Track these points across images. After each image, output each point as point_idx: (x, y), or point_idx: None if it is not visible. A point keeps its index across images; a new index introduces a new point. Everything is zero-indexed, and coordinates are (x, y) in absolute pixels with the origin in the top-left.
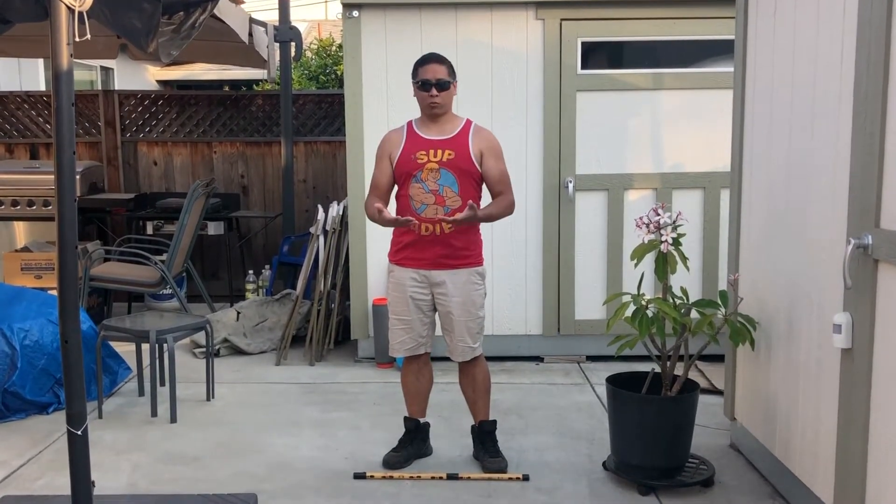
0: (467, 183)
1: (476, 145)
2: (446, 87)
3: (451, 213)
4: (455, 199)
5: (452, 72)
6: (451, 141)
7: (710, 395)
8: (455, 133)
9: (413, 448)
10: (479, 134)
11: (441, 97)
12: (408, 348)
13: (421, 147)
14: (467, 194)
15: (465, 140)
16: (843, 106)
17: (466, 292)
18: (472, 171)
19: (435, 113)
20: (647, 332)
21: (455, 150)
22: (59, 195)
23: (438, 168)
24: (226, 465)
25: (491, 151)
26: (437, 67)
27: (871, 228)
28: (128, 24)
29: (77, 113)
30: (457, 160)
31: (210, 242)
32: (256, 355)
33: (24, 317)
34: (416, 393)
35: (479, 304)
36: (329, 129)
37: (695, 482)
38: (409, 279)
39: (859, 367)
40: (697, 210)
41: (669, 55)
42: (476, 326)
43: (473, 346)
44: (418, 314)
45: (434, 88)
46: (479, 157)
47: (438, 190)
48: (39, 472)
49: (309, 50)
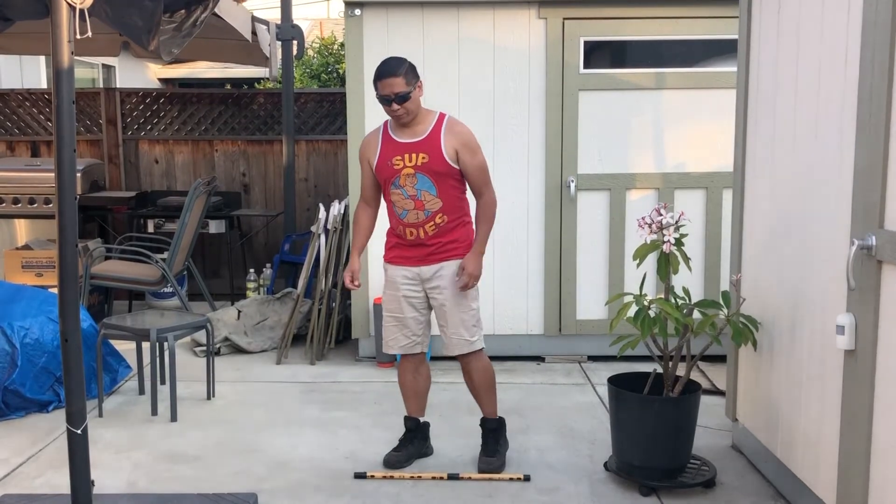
0: (445, 183)
1: (449, 144)
2: (406, 98)
3: (432, 216)
4: (434, 201)
5: (411, 76)
6: (424, 143)
7: (712, 396)
8: (427, 134)
9: (413, 448)
10: (452, 130)
11: (403, 108)
12: (402, 345)
13: (395, 152)
14: (446, 194)
15: (437, 141)
16: (847, 105)
17: (456, 286)
18: (449, 171)
19: (402, 123)
20: (648, 332)
21: (428, 153)
22: (59, 193)
23: (414, 173)
24: (226, 465)
25: (465, 147)
26: (392, 81)
27: (874, 229)
28: (129, 22)
29: (78, 110)
30: (431, 163)
31: (211, 241)
32: (257, 354)
33: (24, 315)
34: (415, 392)
35: (471, 297)
36: (330, 128)
37: (696, 483)
38: (401, 277)
39: (862, 369)
40: (700, 210)
41: (672, 54)
42: (470, 319)
43: (470, 340)
44: (412, 312)
45: (394, 103)
46: (453, 155)
47: (417, 195)
48: (39, 471)
49: (311, 48)
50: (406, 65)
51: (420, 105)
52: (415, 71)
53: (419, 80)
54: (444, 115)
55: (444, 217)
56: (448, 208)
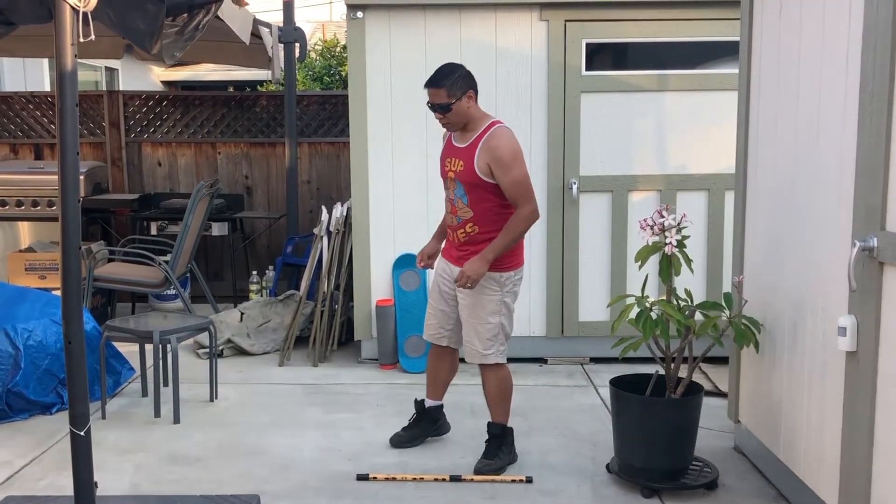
0: (477, 195)
1: (482, 159)
2: (447, 109)
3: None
4: (465, 210)
5: (456, 88)
6: (465, 151)
7: (714, 398)
8: (469, 143)
9: (419, 429)
10: (488, 144)
11: (447, 118)
12: (429, 333)
13: (448, 154)
14: (478, 206)
15: (473, 152)
16: (849, 107)
17: (476, 295)
18: (480, 184)
19: (449, 130)
20: (651, 334)
21: (464, 162)
22: (62, 196)
23: (455, 178)
24: (229, 466)
25: (497, 163)
26: (434, 92)
27: (876, 231)
28: (132, 26)
29: (81, 113)
30: (464, 173)
31: (214, 243)
32: (260, 356)
33: (27, 317)
34: (433, 377)
35: (489, 311)
36: (333, 130)
37: (698, 485)
38: (441, 268)
39: (864, 370)
40: (702, 212)
41: (674, 56)
42: (486, 332)
43: (482, 352)
44: (443, 305)
45: (437, 112)
46: (485, 169)
47: (454, 200)
48: (42, 473)
49: (313, 51)
50: (453, 76)
51: (468, 114)
52: (465, 80)
53: (469, 89)
54: (494, 124)
55: (474, 227)
56: (479, 219)
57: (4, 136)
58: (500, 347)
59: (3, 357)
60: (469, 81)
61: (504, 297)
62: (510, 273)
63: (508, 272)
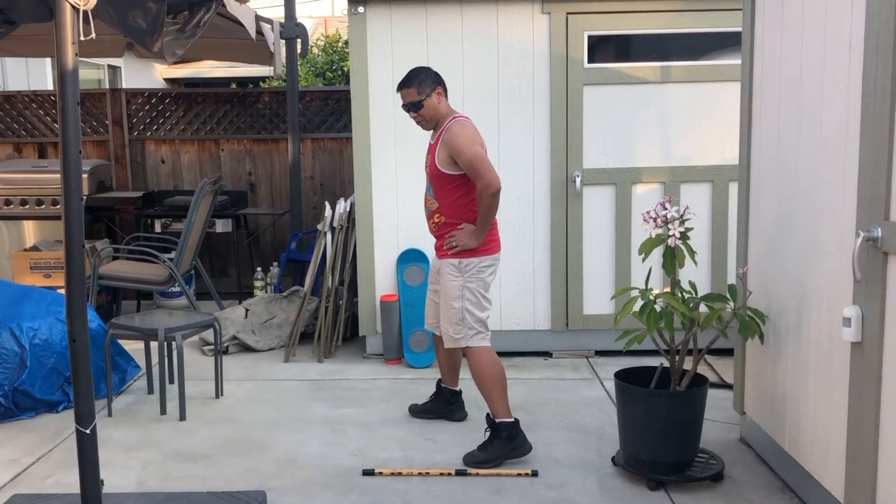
0: (441, 187)
1: (442, 151)
2: (419, 107)
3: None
4: (432, 201)
5: (425, 86)
6: (432, 147)
7: (720, 390)
8: (435, 139)
9: (433, 405)
10: (445, 137)
11: (420, 115)
12: (428, 323)
13: (427, 151)
14: (444, 198)
15: (435, 147)
16: (852, 96)
17: (445, 282)
18: (441, 175)
19: (424, 128)
20: (655, 326)
21: (430, 157)
22: (65, 194)
23: (428, 172)
24: (235, 463)
25: (454, 151)
26: (406, 92)
27: (880, 221)
28: (132, 24)
29: (84, 111)
30: (430, 166)
31: (218, 240)
32: (265, 352)
33: (33, 315)
34: (440, 364)
35: (452, 296)
36: (336, 126)
37: (704, 477)
38: (432, 262)
39: (869, 361)
40: (706, 203)
41: (677, 48)
42: (452, 317)
43: (453, 336)
44: (434, 296)
45: (410, 111)
46: (447, 161)
47: (426, 192)
48: (49, 471)
49: (315, 46)
50: (421, 76)
51: (438, 110)
52: (433, 78)
53: (438, 86)
54: (454, 119)
55: (441, 217)
56: (445, 210)
57: (8, 135)
58: (469, 332)
59: (9, 356)
60: (437, 79)
61: (466, 282)
62: (471, 259)
63: (468, 258)
